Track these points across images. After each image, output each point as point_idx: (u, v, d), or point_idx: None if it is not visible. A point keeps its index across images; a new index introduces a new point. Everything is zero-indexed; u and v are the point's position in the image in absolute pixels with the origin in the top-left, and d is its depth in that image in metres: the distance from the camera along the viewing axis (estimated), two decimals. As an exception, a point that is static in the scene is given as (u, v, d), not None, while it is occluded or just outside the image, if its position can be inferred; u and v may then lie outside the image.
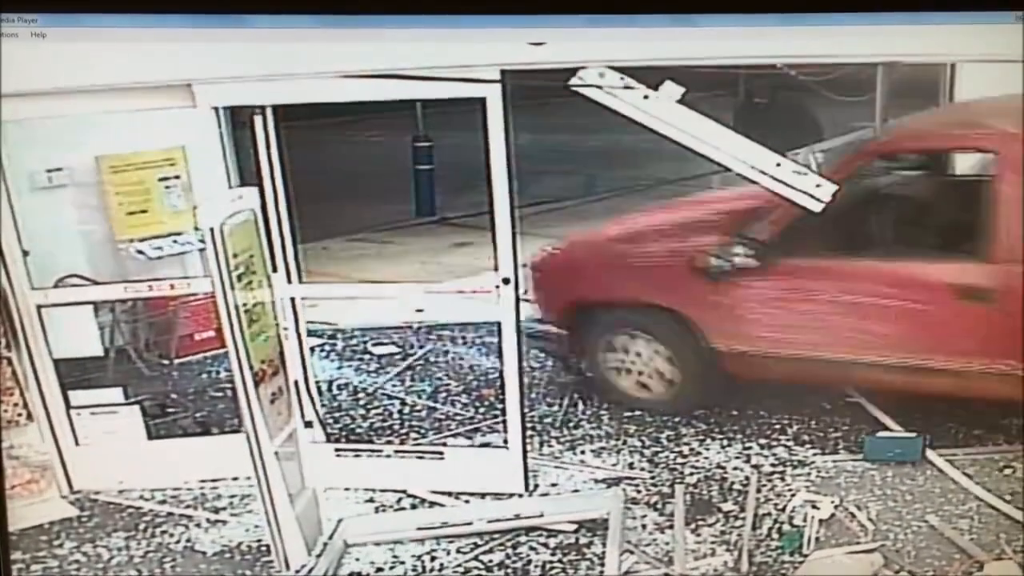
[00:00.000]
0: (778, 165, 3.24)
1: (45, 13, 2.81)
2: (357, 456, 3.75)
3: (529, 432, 3.73)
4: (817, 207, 3.28)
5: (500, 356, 3.55)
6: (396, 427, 4.21)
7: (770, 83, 4.77)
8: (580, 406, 4.27)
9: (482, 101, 3.20)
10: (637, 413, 4.17)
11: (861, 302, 3.75)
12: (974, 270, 3.60)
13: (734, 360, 3.98)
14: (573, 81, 3.16)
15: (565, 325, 4.34)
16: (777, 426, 4.02)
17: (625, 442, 4.01)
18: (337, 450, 3.75)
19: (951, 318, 3.65)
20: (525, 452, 3.64)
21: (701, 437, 4.01)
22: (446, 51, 3.02)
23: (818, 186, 3.26)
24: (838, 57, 3.04)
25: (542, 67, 3.01)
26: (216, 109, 3.35)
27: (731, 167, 3.28)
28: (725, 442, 3.96)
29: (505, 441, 3.66)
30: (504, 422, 3.66)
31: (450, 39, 2.97)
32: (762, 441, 3.93)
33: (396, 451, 3.80)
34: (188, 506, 3.74)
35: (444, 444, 4.00)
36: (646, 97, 3.20)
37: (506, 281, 3.44)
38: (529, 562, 3.41)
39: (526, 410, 3.64)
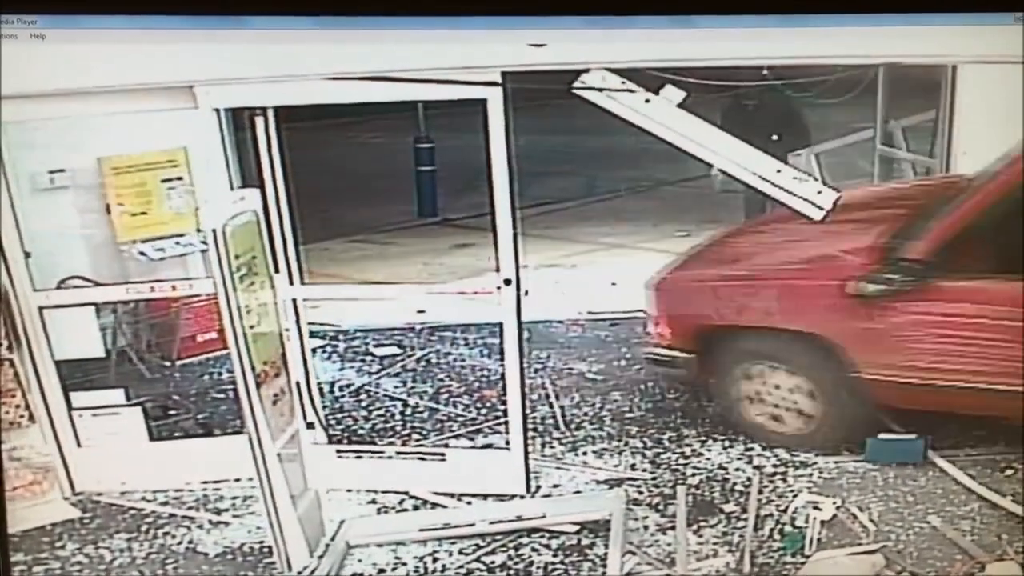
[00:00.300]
0: (778, 172, 3.20)
1: (45, 15, 2.82)
2: (359, 457, 3.76)
3: (531, 433, 3.73)
4: (818, 215, 3.18)
5: (502, 357, 3.56)
6: (398, 428, 4.21)
7: (763, 86, 4.75)
8: (582, 408, 4.28)
9: (483, 103, 3.21)
10: (639, 414, 4.18)
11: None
12: None
13: (882, 390, 3.63)
14: (576, 84, 3.16)
15: (693, 349, 3.98)
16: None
17: (627, 443, 4.01)
18: (339, 451, 3.76)
19: None
20: (527, 453, 3.64)
21: (703, 438, 4.00)
22: (446, 53, 3.02)
23: (819, 193, 3.20)
24: (838, 59, 3.04)
25: (542, 69, 3.01)
26: (218, 111, 3.35)
27: (731, 172, 3.24)
28: (727, 443, 3.96)
29: (507, 442, 3.66)
30: (506, 423, 3.66)
31: (450, 40, 2.97)
32: (764, 442, 3.93)
33: (398, 452, 3.81)
34: (190, 507, 3.74)
35: (446, 445, 4.00)
36: (647, 101, 3.20)
37: (507, 282, 3.45)
38: (531, 563, 3.41)
39: (527, 411, 3.64)
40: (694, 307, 3.99)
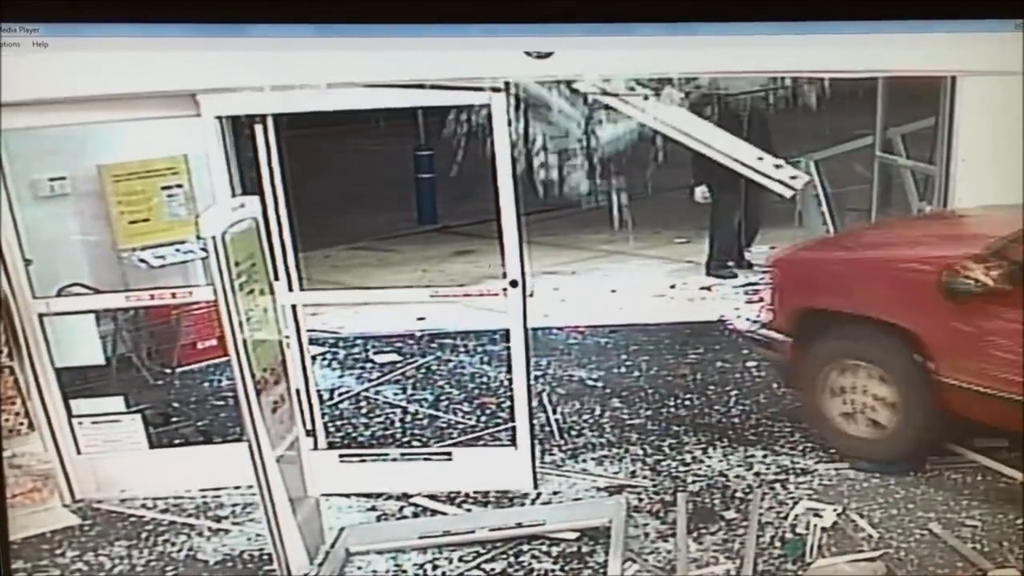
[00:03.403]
0: (759, 159, 3.41)
1: (47, 23, 2.82)
2: (362, 461, 3.75)
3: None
4: (788, 193, 3.39)
5: (508, 353, 3.57)
6: (398, 436, 4.21)
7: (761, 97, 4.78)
8: (582, 415, 4.28)
9: (487, 108, 3.23)
10: (638, 422, 4.18)
11: None
12: None
13: (959, 396, 3.54)
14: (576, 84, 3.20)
15: (789, 331, 3.99)
16: (779, 434, 4.03)
17: (627, 450, 4.01)
18: (342, 456, 3.75)
19: None
20: (533, 450, 3.64)
21: (704, 446, 4.00)
22: (448, 61, 3.03)
23: (793, 177, 3.46)
24: (837, 70, 3.07)
25: (543, 79, 3.03)
26: (220, 118, 3.36)
27: (719, 161, 3.40)
28: (727, 450, 3.95)
29: (513, 435, 3.67)
30: (507, 430, 3.67)
31: (451, 49, 2.98)
32: (764, 449, 3.93)
33: (402, 454, 3.81)
34: (190, 515, 3.74)
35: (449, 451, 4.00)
36: (646, 98, 3.26)
37: (514, 284, 3.46)
38: (531, 571, 3.40)
39: (533, 408, 3.66)
40: (803, 287, 3.99)
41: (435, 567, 3.44)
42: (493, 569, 3.41)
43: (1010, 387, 3.35)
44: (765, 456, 3.89)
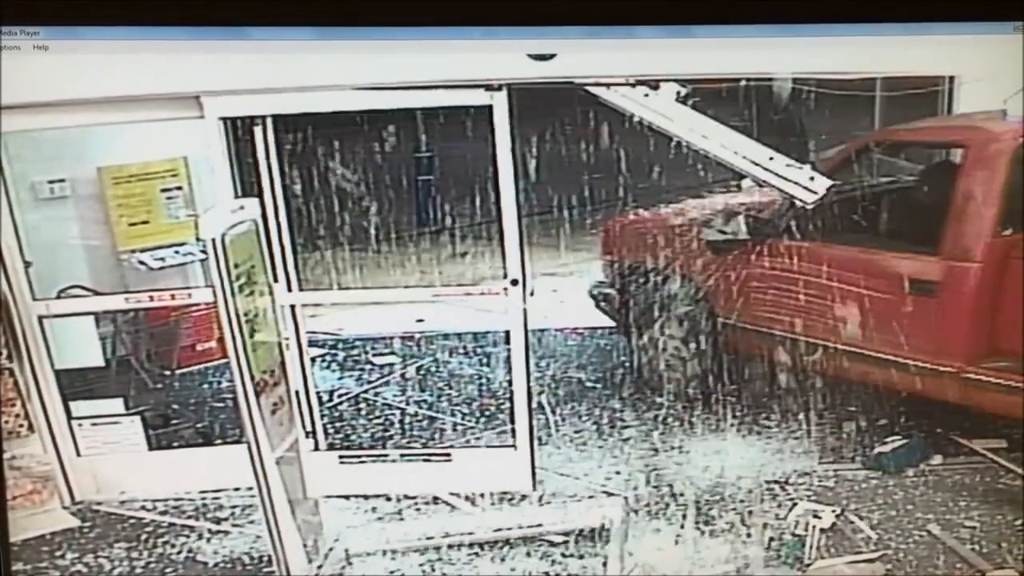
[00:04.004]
0: (771, 159, 3.32)
1: (47, 26, 2.82)
2: (362, 463, 3.75)
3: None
4: (811, 198, 3.35)
5: (508, 354, 3.56)
6: (398, 437, 4.22)
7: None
8: (583, 413, 4.28)
9: (488, 109, 3.23)
10: (638, 423, 4.18)
11: (832, 286, 3.89)
12: (923, 263, 3.74)
13: (734, 334, 4.19)
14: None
15: (617, 287, 4.61)
16: (779, 435, 4.03)
17: (626, 452, 4.01)
18: (341, 457, 3.75)
19: (902, 310, 3.75)
20: (533, 451, 3.64)
21: (703, 447, 4.01)
22: (449, 64, 3.03)
23: (811, 179, 3.33)
24: (836, 72, 3.07)
25: (544, 82, 3.03)
26: (223, 120, 3.36)
27: (727, 161, 3.36)
28: (727, 452, 3.96)
29: (513, 435, 3.67)
30: (508, 430, 3.67)
31: (452, 51, 2.98)
32: (763, 450, 3.94)
33: (402, 455, 3.80)
34: (190, 516, 3.74)
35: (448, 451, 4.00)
36: (646, 95, 3.27)
37: (515, 283, 3.47)
38: (530, 572, 3.41)
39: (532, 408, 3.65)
40: (619, 247, 4.67)
41: (434, 568, 3.44)
42: (492, 570, 3.41)
43: (769, 324, 4.05)
44: (765, 456, 3.90)
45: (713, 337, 4.32)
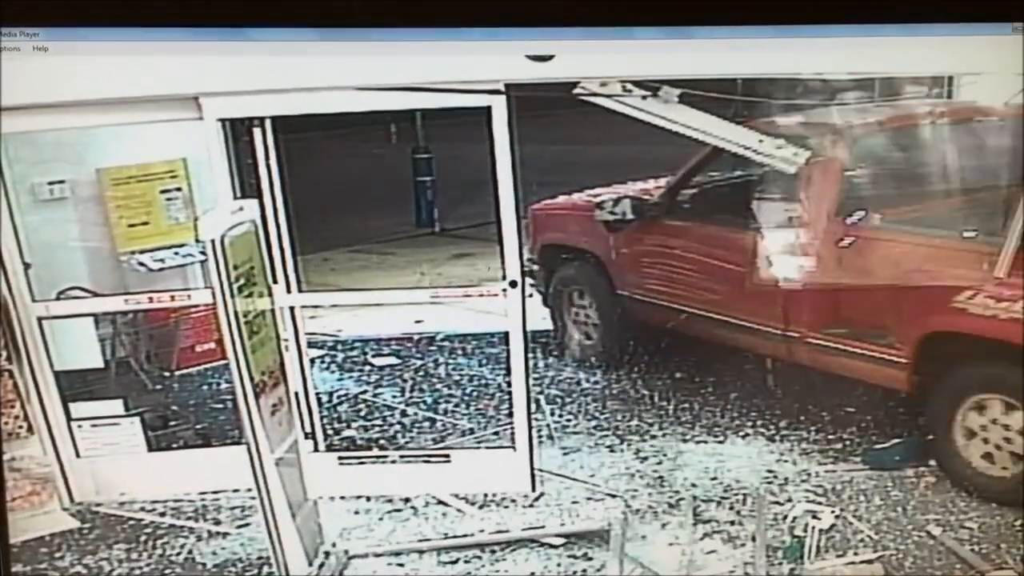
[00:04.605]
0: (760, 141, 3.70)
1: (47, 27, 2.82)
2: (361, 464, 3.75)
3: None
4: (792, 169, 3.75)
5: (507, 355, 3.57)
6: (397, 438, 4.22)
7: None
8: (581, 416, 4.28)
9: (487, 110, 3.23)
10: (638, 423, 4.18)
11: (702, 261, 4.33)
12: (750, 238, 4.09)
13: (635, 307, 4.59)
14: (576, 90, 3.21)
15: (539, 263, 5.01)
16: (778, 436, 4.03)
17: (625, 453, 4.01)
18: (341, 458, 3.75)
19: (743, 280, 4.13)
20: (532, 452, 3.64)
21: (702, 453, 4.01)
22: (448, 65, 3.03)
23: (795, 153, 3.75)
24: (835, 72, 3.08)
25: (543, 81, 3.03)
26: (222, 121, 3.36)
27: (722, 147, 3.71)
28: (726, 453, 3.96)
29: (512, 439, 3.67)
30: (507, 432, 3.67)
31: (451, 52, 2.98)
32: (763, 451, 3.94)
33: (402, 456, 3.80)
34: (189, 518, 3.74)
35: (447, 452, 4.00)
36: (644, 98, 3.30)
37: (513, 284, 3.47)
38: (530, 574, 3.41)
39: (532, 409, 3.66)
40: (541, 228, 5.06)
41: (434, 569, 3.44)
42: (492, 572, 3.41)
43: (659, 296, 4.49)
44: (765, 456, 3.90)
45: (613, 306, 4.73)
